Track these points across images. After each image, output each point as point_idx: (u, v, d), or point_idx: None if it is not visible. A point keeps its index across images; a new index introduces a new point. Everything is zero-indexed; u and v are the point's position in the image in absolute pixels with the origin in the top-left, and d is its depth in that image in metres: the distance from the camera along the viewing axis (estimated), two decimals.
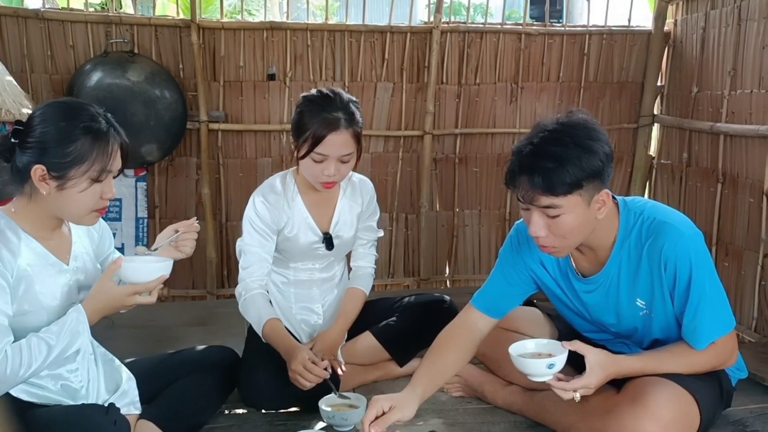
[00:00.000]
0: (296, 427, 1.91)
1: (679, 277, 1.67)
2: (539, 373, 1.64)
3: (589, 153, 1.59)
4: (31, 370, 1.46)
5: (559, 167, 1.57)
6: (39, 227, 1.59)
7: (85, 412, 1.51)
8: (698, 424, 1.69)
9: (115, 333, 1.81)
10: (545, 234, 1.65)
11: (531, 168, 1.60)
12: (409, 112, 3.46)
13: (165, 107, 3.13)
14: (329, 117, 1.99)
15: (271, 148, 3.39)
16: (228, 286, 3.47)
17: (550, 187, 1.58)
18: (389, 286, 3.62)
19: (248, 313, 2.11)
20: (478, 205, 3.64)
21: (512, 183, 1.67)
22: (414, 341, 2.29)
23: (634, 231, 1.73)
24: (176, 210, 3.39)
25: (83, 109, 1.56)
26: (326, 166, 2.01)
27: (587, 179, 1.59)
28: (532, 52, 3.50)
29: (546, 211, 1.62)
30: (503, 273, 1.94)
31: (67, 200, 1.54)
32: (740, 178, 2.89)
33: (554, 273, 1.88)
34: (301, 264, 2.23)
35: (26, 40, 3.11)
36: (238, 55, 3.29)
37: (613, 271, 1.77)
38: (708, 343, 1.69)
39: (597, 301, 1.83)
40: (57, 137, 1.51)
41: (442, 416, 2.05)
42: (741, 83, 2.92)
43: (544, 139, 1.62)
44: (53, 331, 1.50)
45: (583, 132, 1.62)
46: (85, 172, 1.52)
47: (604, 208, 1.66)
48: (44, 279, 1.57)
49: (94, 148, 1.52)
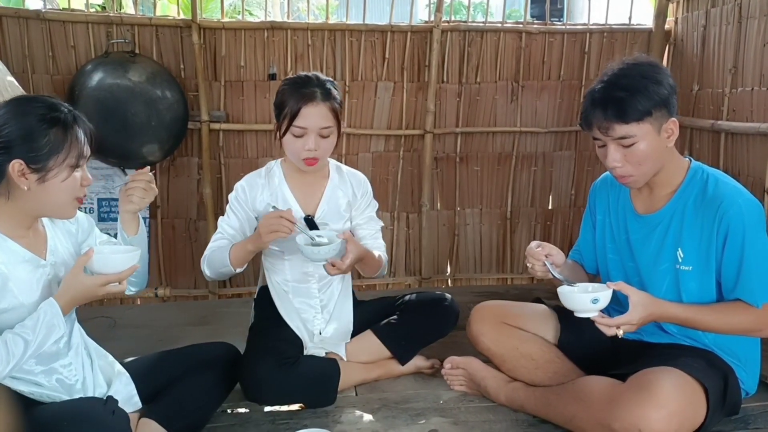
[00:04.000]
0: (298, 426, 1.92)
1: (731, 238, 1.75)
2: (584, 308, 1.72)
3: (655, 83, 1.75)
4: (9, 366, 1.48)
5: (629, 96, 1.73)
6: (14, 226, 1.60)
7: (82, 404, 1.53)
8: (704, 414, 1.69)
9: (117, 333, 1.81)
10: (622, 164, 1.79)
11: (604, 100, 1.76)
12: (409, 111, 3.47)
13: (166, 107, 3.13)
14: (306, 91, 2.06)
15: (272, 147, 3.39)
16: (229, 285, 3.48)
17: (623, 115, 1.73)
18: (390, 285, 3.62)
19: (213, 262, 2.13)
20: (479, 203, 3.64)
21: (587, 122, 1.81)
22: (415, 340, 2.30)
23: (698, 183, 1.84)
24: (178, 210, 3.40)
25: (46, 101, 1.59)
26: (306, 140, 2.06)
27: (656, 107, 1.75)
28: (532, 51, 3.50)
29: (621, 141, 1.77)
30: (584, 229, 2.16)
31: (49, 192, 1.55)
32: (741, 176, 2.88)
33: (614, 206, 2.01)
34: (295, 256, 2.21)
35: (27, 41, 3.11)
36: (238, 55, 3.30)
37: (667, 216, 1.87)
38: (762, 303, 1.75)
39: (641, 238, 1.91)
40: (25, 131, 1.52)
41: (444, 415, 2.05)
42: (742, 81, 2.92)
43: (614, 76, 1.80)
44: (28, 326, 1.51)
45: (648, 67, 1.81)
46: (63, 160, 1.55)
47: (673, 136, 1.80)
48: (20, 275, 1.58)
49: (68, 136, 1.55)
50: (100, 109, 3.02)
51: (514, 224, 3.67)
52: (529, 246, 1.90)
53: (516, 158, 3.60)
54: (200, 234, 3.42)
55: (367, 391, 2.23)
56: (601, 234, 2.06)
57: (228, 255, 2.09)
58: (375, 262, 2.20)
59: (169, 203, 3.38)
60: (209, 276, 2.18)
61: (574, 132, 3.62)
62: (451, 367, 2.22)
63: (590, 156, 3.64)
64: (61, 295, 1.58)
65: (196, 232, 3.42)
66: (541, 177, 3.65)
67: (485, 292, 3.32)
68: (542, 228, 3.70)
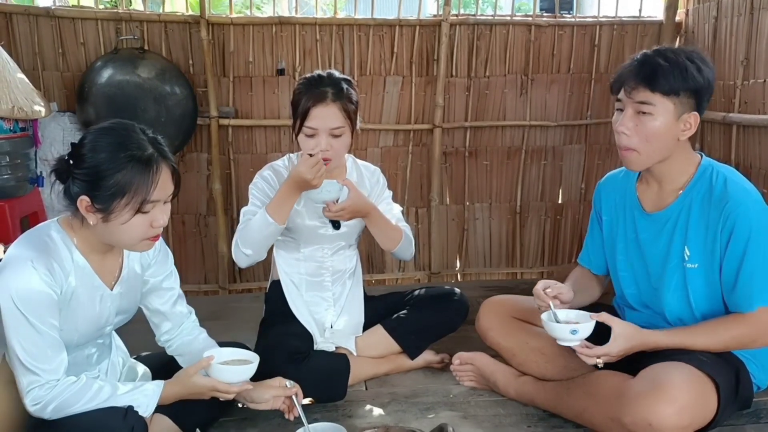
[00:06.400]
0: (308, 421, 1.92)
1: (735, 236, 1.73)
2: (563, 337, 1.75)
3: (697, 70, 1.73)
4: (87, 406, 1.50)
5: (668, 67, 1.72)
6: (91, 247, 1.59)
7: (103, 416, 1.50)
8: (715, 408, 1.68)
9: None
10: (631, 133, 1.77)
11: (643, 62, 1.76)
12: (418, 106, 3.46)
13: (175, 103, 3.14)
14: (317, 91, 2.06)
15: (281, 143, 3.40)
16: (240, 281, 3.49)
17: (653, 80, 1.72)
18: (400, 279, 3.63)
19: (250, 232, 2.07)
20: (488, 198, 3.63)
21: (617, 82, 1.81)
22: (425, 334, 2.30)
23: (707, 181, 1.82)
24: (188, 205, 3.41)
25: (130, 138, 1.52)
26: (317, 140, 2.05)
27: (686, 92, 1.73)
28: (542, 44, 3.48)
29: (639, 107, 1.75)
30: (591, 230, 2.13)
31: (113, 231, 1.52)
32: (753, 169, 2.86)
33: (621, 206, 1.99)
34: (311, 248, 2.23)
35: (37, 38, 3.13)
36: (247, 51, 3.30)
37: (675, 213, 1.85)
38: (758, 306, 1.73)
39: (650, 237, 1.90)
40: (102, 169, 1.47)
41: (454, 409, 2.06)
42: (754, 73, 2.89)
43: (665, 48, 1.80)
44: (125, 389, 1.55)
45: (698, 56, 1.78)
46: (126, 205, 1.48)
47: (689, 131, 1.78)
48: (86, 302, 1.58)
49: (135, 180, 1.47)
50: (109, 105, 3.04)
51: (523, 219, 3.66)
52: (535, 287, 1.87)
53: (525, 152, 3.58)
54: (210, 229, 3.43)
55: (377, 385, 2.23)
56: (610, 234, 2.04)
57: (266, 213, 2.04)
58: (388, 226, 2.17)
59: (179, 199, 3.38)
60: (248, 255, 2.08)
61: (584, 125, 3.60)
62: (460, 363, 2.22)
63: (601, 149, 3.62)
64: (171, 386, 1.62)
65: (206, 228, 3.44)
66: (550, 171, 3.63)
67: (495, 287, 3.32)
68: (552, 222, 3.69)
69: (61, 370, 1.50)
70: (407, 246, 2.23)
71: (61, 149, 2.99)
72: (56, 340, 1.50)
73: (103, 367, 1.73)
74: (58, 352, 1.50)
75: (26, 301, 1.45)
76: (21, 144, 2.64)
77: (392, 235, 2.19)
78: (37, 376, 1.48)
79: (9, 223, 2.56)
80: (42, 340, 1.47)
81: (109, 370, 1.75)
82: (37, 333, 1.47)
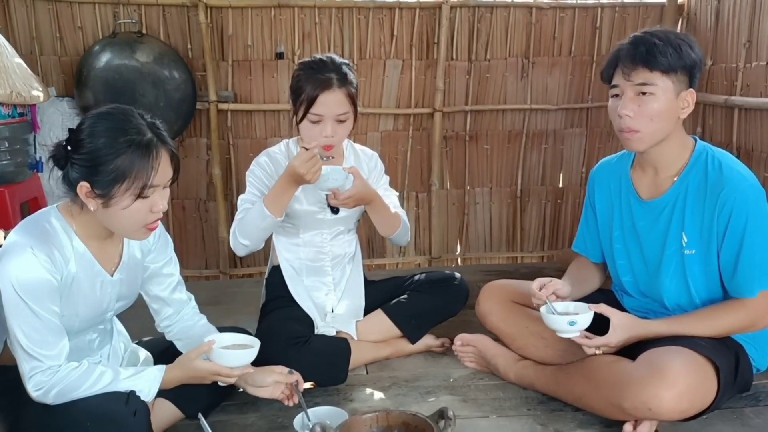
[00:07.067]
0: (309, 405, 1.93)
1: (733, 222, 1.73)
2: (562, 328, 1.77)
3: (688, 47, 1.76)
4: (90, 391, 1.51)
5: (663, 45, 1.73)
6: (91, 234, 1.58)
7: (104, 403, 1.50)
8: (715, 392, 1.69)
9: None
10: (633, 114, 1.76)
11: (637, 43, 1.77)
12: (418, 90, 3.44)
13: (174, 88, 3.12)
14: (321, 77, 2.04)
15: (280, 127, 3.38)
16: (240, 266, 3.50)
17: (651, 60, 1.73)
18: (400, 264, 3.63)
19: (247, 223, 2.07)
20: (489, 182, 3.62)
21: (611, 65, 1.82)
22: (425, 319, 2.30)
23: (701, 166, 1.82)
24: (188, 191, 3.40)
25: (129, 122, 1.50)
26: (323, 127, 2.04)
27: (682, 69, 1.75)
28: (543, 27, 3.45)
29: (639, 88, 1.75)
30: (586, 218, 2.13)
31: (113, 217, 1.51)
32: (755, 152, 2.85)
33: (616, 194, 1.99)
34: (310, 233, 2.23)
35: (35, 23, 3.11)
36: (246, 34, 3.28)
37: (671, 200, 1.85)
38: (759, 291, 1.74)
39: (647, 224, 1.90)
40: (101, 154, 1.46)
41: (454, 393, 2.07)
42: (756, 55, 2.87)
43: (653, 30, 1.81)
44: (124, 374, 1.56)
45: (685, 35, 1.84)
46: (126, 190, 1.47)
47: (687, 108, 1.79)
48: (87, 288, 1.58)
49: (135, 165, 1.46)
50: (108, 90, 3.02)
51: (524, 203, 3.66)
52: (531, 286, 1.90)
53: (526, 136, 3.57)
54: (210, 215, 3.43)
55: (378, 369, 2.25)
56: (606, 222, 2.03)
57: (263, 206, 2.04)
58: (388, 213, 2.18)
59: (179, 184, 3.38)
60: (246, 245, 2.09)
61: (585, 109, 3.58)
62: (462, 344, 2.23)
63: (602, 133, 3.61)
64: (172, 370, 1.62)
65: (206, 213, 3.44)
66: (551, 155, 3.62)
67: (495, 271, 3.32)
68: (552, 206, 3.68)
69: (62, 356, 1.51)
70: (404, 233, 2.24)
71: (60, 134, 2.98)
72: (57, 326, 1.51)
73: (105, 352, 1.74)
74: (59, 338, 1.51)
75: (27, 288, 1.45)
76: (20, 129, 2.64)
77: (392, 221, 2.19)
78: (39, 362, 1.48)
79: (9, 208, 2.56)
80: (43, 326, 1.48)
81: (111, 355, 1.75)
82: (38, 319, 1.47)
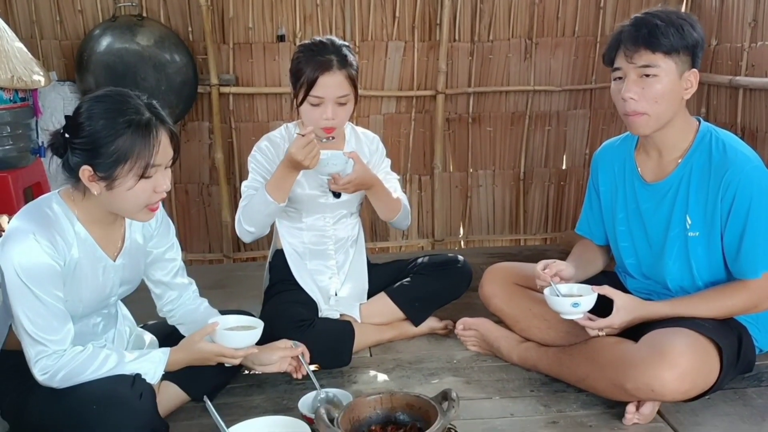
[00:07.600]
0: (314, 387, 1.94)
1: (737, 204, 1.73)
2: (565, 310, 1.77)
3: (690, 27, 1.75)
4: (95, 374, 1.52)
5: (665, 26, 1.72)
6: (93, 219, 1.59)
7: (110, 386, 1.51)
8: (717, 372, 1.69)
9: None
10: (638, 97, 1.76)
11: (639, 24, 1.75)
12: (421, 72, 3.42)
13: (175, 71, 3.11)
14: (321, 59, 2.03)
15: (282, 110, 3.37)
16: (244, 249, 3.51)
17: (653, 42, 1.72)
18: (404, 247, 3.63)
19: (251, 209, 2.07)
20: (492, 165, 3.61)
21: (613, 48, 1.81)
22: (428, 301, 2.31)
23: (705, 148, 1.81)
24: (190, 175, 3.40)
25: (126, 103, 1.50)
26: (324, 109, 2.04)
27: (684, 49, 1.74)
28: (546, 6, 3.42)
29: (643, 70, 1.74)
30: (589, 200, 2.12)
31: (117, 198, 1.52)
32: (759, 133, 2.83)
33: (620, 176, 1.98)
34: (313, 217, 2.24)
35: (35, 6, 3.10)
36: (247, 17, 3.25)
37: (675, 182, 1.84)
38: (762, 272, 1.74)
39: (651, 207, 1.89)
40: (101, 136, 1.46)
41: (458, 374, 2.08)
42: (762, 35, 2.84)
43: (653, 10, 1.80)
44: (132, 357, 1.57)
45: (686, 14, 1.82)
46: (129, 170, 1.48)
47: (691, 89, 1.79)
48: (90, 273, 1.59)
49: (136, 144, 1.47)
50: (109, 74, 3.01)
51: (527, 185, 3.65)
52: (535, 267, 1.90)
53: (529, 118, 3.55)
54: (213, 199, 3.43)
55: (382, 351, 2.26)
56: (610, 205, 2.03)
57: (265, 192, 2.03)
58: (389, 198, 2.18)
59: (182, 168, 3.38)
60: (251, 232, 2.09)
61: (589, 90, 3.56)
62: (464, 328, 2.24)
63: (605, 114, 3.59)
64: (177, 352, 1.63)
65: (209, 197, 3.44)
66: (555, 136, 3.61)
67: (498, 254, 3.32)
68: (556, 188, 3.67)
69: (67, 340, 1.52)
70: (404, 217, 2.25)
71: (62, 119, 2.97)
72: (61, 311, 1.52)
73: (110, 336, 1.75)
74: (63, 323, 1.52)
75: (30, 274, 1.46)
76: (22, 114, 2.63)
77: (392, 206, 2.20)
78: (44, 347, 1.49)
79: (12, 193, 2.57)
80: (47, 311, 1.49)
81: (116, 339, 1.77)
82: (42, 305, 1.48)
